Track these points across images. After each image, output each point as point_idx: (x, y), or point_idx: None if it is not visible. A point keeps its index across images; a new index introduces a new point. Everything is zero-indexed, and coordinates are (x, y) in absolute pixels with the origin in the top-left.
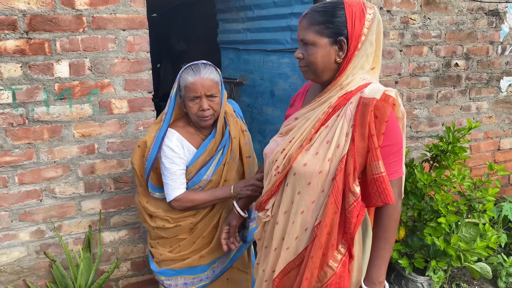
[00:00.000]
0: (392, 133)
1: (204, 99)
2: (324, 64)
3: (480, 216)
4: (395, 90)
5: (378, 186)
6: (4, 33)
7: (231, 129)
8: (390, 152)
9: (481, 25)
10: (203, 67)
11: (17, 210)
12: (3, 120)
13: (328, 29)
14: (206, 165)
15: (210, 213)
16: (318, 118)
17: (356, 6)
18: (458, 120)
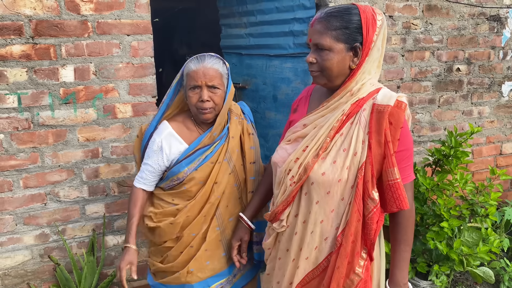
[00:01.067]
0: (406, 139)
1: (204, 89)
2: (339, 70)
3: (482, 221)
4: (405, 96)
5: (393, 192)
6: (10, 38)
7: (231, 127)
8: (403, 157)
9: (483, 30)
10: (208, 57)
11: (22, 213)
12: (8, 124)
13: (344, 34)
14: (190, 157)
15: (196, 219)
16: (332, 126)
17: (368, 12)
18: (460, 125)
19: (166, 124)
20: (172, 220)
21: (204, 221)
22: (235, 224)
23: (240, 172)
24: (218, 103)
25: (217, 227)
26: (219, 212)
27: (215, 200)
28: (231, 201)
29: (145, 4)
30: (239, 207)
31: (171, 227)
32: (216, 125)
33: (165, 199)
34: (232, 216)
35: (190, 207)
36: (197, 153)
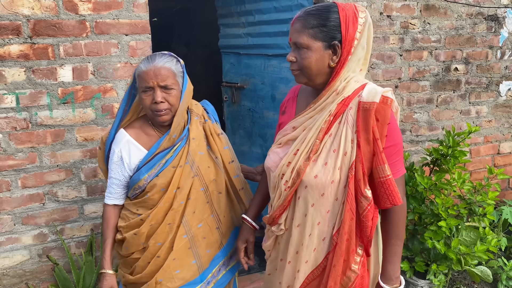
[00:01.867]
0: (394, 134)
1: (157, 90)
2: (318, 68)
3: (480, 220)
4: (390, 90)
5: (386, 189)
6: (8, 38)
7: (192, 128)
8: (392, 152)
9: (481, 30)
10: (159, 55)
11: (20, 213)
12: (6, 124)
13: (322, 32)
14: (149, 163)
15: (160, 228)
16: (320, 128)
17: (349, 10)
18: (458, 124)
19: (123, 132)
20: (136, 231)
21: (170, 230)
22: (206, 230)
23: (206, 175)
24: (174, 104)
25: (184, 235)
26: (185, 219)
27: (178, 206)
28: (198, 206)
29: (143, 4)
30: (208, 211)
31: (136, 238)
32: (174, 126)
33: (131, 209)
34: (201, 222)
35: (153, 216)
36: (157, 158)
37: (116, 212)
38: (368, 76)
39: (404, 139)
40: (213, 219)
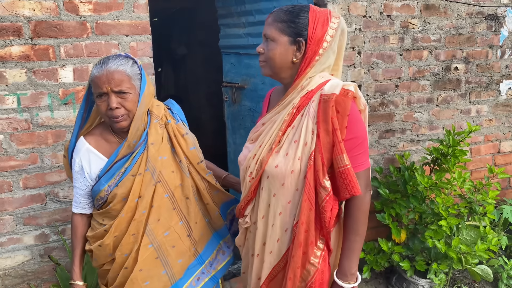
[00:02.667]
0: (355, 126)
1: (112, 96)
2: (281, 61)
3: (480, 219)
4: (354, 84)
5: (344, 179)
6: (9, 39)
7: (151, 133)
8: (354, 144)
9: (481, 29)
10: (113, 58)
11: (22, 214)
12: (8, 125)
13: (289, 28)
14: (108, 172)
15: (124, 239)
16: (284, 120)
17: (321, 13)
18: (458, 124)
19: (83, 140)
20: (100, 242)
21: (135, 240)
22: (174, 238)
23: (170, 180)
24: (131, 109)
25: (149, 245)
26: (149, 228)
27: (140, 216)
28: (162, 214)
29: (143, 4)
30: (176, 218)
31: (101, 249)
32: (131, 131)
33: (97, 220)
34: (168, 230)
35: (115, 226)
36: (116, 166)
37: (83, 221)
38: (369, 76)
39: (404, 138)
40: (182, 226)
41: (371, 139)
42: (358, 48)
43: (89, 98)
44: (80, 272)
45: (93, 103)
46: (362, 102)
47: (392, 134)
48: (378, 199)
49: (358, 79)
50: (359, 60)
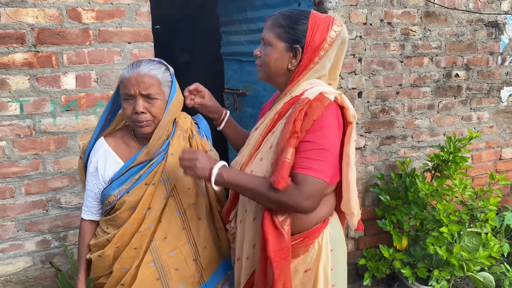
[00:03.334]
0: (317, 133)
1: (139, 99)
2: (276, 67)
3: (482, 226)
4: (337, 93)
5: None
6: (12, 46)
7: (173, 142)
8: (309, 148)
9: (481, 36)
10: (145, 62)
11: (23, 220)
12: (10, 131)
13: (287, 34)
14: (122, 177)
15: (125, 251)
16: (265, 126)
17: (321, 20)
18: (459, 130)
19: (102, 141)
20: (101, 253)
21: (136, 255)
22: (180, 261)
23: (184, 197)
24: (157, 115)
25: (151, 263)
26: (153, 245)
27: (146, 229)
28: (171, 231)
29: (146, 12)
30: (184, 239)
31: (100, 260)
32: (153, 138)
33: (102, 227)
34: (174, 251)
35: (118, 237)
36: (130, 172)
37: (92, 229)
38: (369, 83)
39: (405, 145)
40: (189, 249)
41: (372, 145)
42: (359, 55)
43: (116, 100)
44: (85, 281)
45: (120, 105)
46: (351, 113)
47: (393, 140)
48: (379, 205)
49: (358, 86)
50: (359, 67)
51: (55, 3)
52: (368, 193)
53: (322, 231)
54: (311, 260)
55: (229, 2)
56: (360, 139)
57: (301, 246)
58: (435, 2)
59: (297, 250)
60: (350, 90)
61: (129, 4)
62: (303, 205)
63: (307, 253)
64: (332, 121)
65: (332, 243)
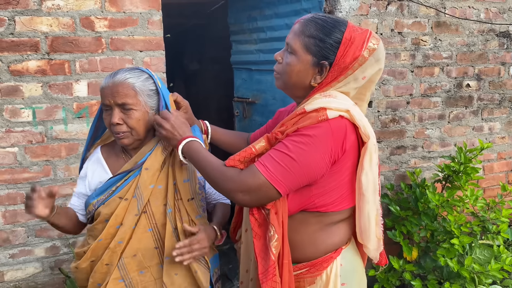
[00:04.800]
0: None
1: (115, 109)
2: (297, 80)
3: (494, 238)
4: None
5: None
6: (26, 54)
7: (150, 157)
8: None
9: (492, 47)
10: (124, 70)
11: (33, 226)
12: (23, 137)
13: (316, 47)
14: (101, 187)
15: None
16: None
17: (358, 35)
18: (470, 141)
19: (97, 149)
20: (77, 264)
21: (108, 271)
22: (149, 281)
23: (159, 215)
24: (135, 127)
25: (119, 279)
26: (122, 262)
27: (115, 246)
28: (141, 250)
29: (157, 21)
30: (157, 259)
31: (77, 272)
32: (138, 156)
33: (86, 237)
34: (144, 270)
35: (91, 251)
36: (108, 183)
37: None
38: (380, 92)
39: (415, 155)
40: (161, 271)
41: (382, 155)
42: None
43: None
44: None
45: None
46: (363, 132)
47: (403, 150)
48: (389, 216)
49: None
50: None
51: (69, 12)
52: None
53: (333, 261)
54: None
55: (240, 11)
56: None
57: (307, 276)
58: (446, 12)
59: (302, 280)
60: None
61: (141, 13)
62: (235, 194)
63: (313, 285)
64: (323, 135)
65: (344, 276)
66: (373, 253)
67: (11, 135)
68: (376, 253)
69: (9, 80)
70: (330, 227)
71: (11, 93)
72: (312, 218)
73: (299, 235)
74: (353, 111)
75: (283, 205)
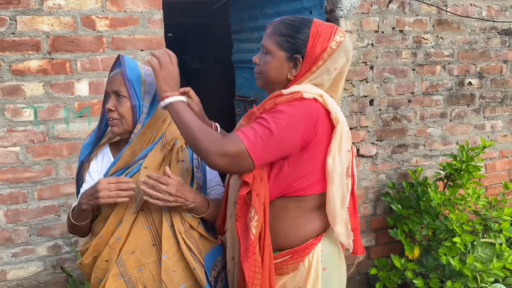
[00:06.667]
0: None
1: (112, 96)
2: (275, 76)
3: (496, 236)
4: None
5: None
6: (28, 54)
7: (149, 155)
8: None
9: (494, 45)
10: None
11: (36, 225)
12: (24, 137)
13: (288, 43)
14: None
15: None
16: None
17: (324, 29)
18: (472, 139)
19: (106, 146)
20: (81, 260)
21: (107, 267)
22: (148, 278)
23: (156, 213)
24: (124, 115)
25: (119, 276)
26: (121, 258)
27: (113, 243)
28: (138, 247)
29: (158, 20)
30: (154, 257)
31: (81, 268)
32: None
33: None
34: (142, 267)
35: (93, 247)
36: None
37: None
38: (381, 90)
39: (417, 154)
40: (159, 268)
41: (383, 154)
42: (371, 63)
43: None
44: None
45: None
46: (333, 116)
47: (405, 149)
48: (390, 214)
49: (370, 93)
50: (371, 75)
51: (70, 11)
52: (380, 202)
53: (314, 247)
54: (300, 278)
55: (241, 10)
56: (372, 147)
57: (290, 263)
58: (447, 10)
59: (285, 267)
60: (361, 98)
61: (142, 12)
62: (213, 156)
63: (297, 271)
64: (297, 114)
65: (325, 262)
66: (343, 239)
67: (13, 135)
68: (347, 240)
69: (10, 79)
70: (309, 213)
71: (12, 93)
72: (291, 203)
73: (281, 222)
74: (325, 96)
75: (265, 189)
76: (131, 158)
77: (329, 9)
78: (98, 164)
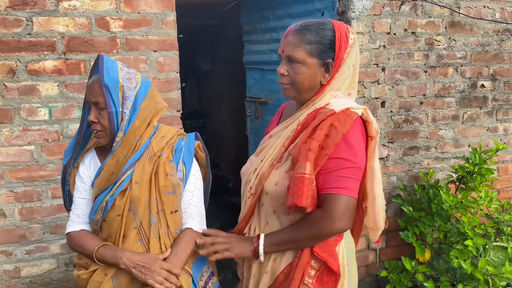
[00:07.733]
0: (347, 148)
1: (92, 107)
2: (310, 84)
3: (508, 240)
4: (363, 108)
5: (294, 186)
6: (43, 54)
7: (137, 169)
8: (338, 166)
9: (508, 47)
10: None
11: (49, 222)
12: (39, 136)
13: (318, 49)
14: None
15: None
16: (287, 136)
17: (342, 30)
18: (484, 142)
19: (92, 150)
20: (79, 273)
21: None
22: None
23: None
24: (107, 127)
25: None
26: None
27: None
28: None
29: (171, 21)
30: None
31: (78, 280)
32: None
33: None
34: (135, 280)
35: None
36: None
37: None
38: (393, 92)
39: (429, 156)
40: None
41: (394, 156)
42: (382, 64)
43: None
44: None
45: None
46: (374, 128)
47: (416, 151)
48: (401, 217)
49: (382, 95)
50: (383, 77)
51: (84, 12)
52: (391, 204)
53: (338, 244)
54: None
55: (252, 12)
56: (383, 149)
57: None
58: (460, 12)
59: None
60: (373, 99)
61: (156, 13)
62: (337, 227)
63: None
64: (361, 137)
65: (347, 258)
66: (378, 234)
67: (28, 134)
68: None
69: (26, 79)
70: None
71: (28, 92)
72: None
73: None
74: (367, 109)
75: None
76: (116, 168)
77: (341, 10)
78: (87, 169)
